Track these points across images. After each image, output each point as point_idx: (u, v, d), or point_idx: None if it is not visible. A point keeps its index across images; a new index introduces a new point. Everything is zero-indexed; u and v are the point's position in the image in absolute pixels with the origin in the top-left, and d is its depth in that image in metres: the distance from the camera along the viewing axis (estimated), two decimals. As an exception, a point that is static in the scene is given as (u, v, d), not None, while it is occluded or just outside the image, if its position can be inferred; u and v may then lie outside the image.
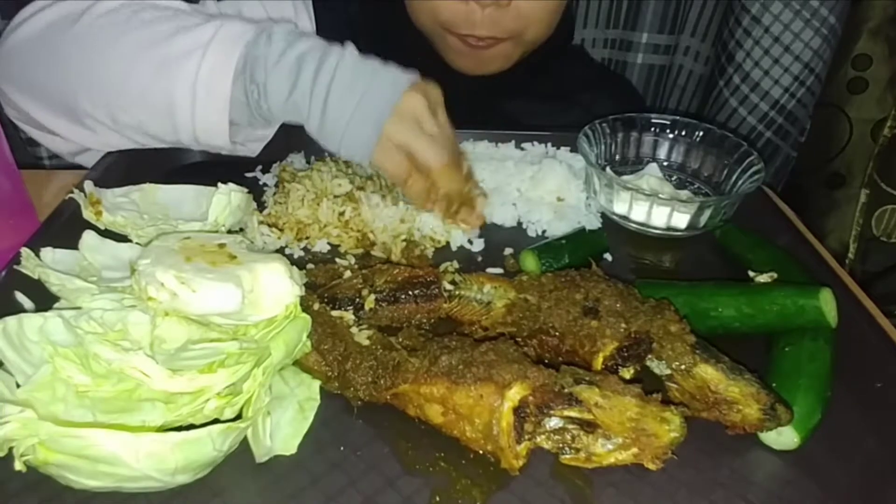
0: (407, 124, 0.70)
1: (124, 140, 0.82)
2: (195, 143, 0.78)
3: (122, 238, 0.68)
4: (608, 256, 0.77)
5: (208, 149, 0.81)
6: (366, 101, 0.70)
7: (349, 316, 0.61)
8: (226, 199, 0.69)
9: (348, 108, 0.70)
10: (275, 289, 0.56)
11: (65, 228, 0.70)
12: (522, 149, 0.92)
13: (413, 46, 0.98)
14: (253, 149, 0.85)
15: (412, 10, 0.94)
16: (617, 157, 0.90)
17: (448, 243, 0.77)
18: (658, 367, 0.57)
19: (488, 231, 0.79)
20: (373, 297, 0.62)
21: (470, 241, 0.77)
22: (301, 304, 0.58)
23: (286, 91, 0.71)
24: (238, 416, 0.50)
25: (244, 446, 0.51)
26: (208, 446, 0.47)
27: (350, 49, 0.73)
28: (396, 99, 0.70)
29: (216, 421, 0.49)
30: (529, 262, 0.71)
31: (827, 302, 0.60)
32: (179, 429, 0.48)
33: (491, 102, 1.05)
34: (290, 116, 0.74)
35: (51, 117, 0.82)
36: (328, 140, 0.72)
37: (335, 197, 0.78)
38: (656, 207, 0.78)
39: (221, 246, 0.60)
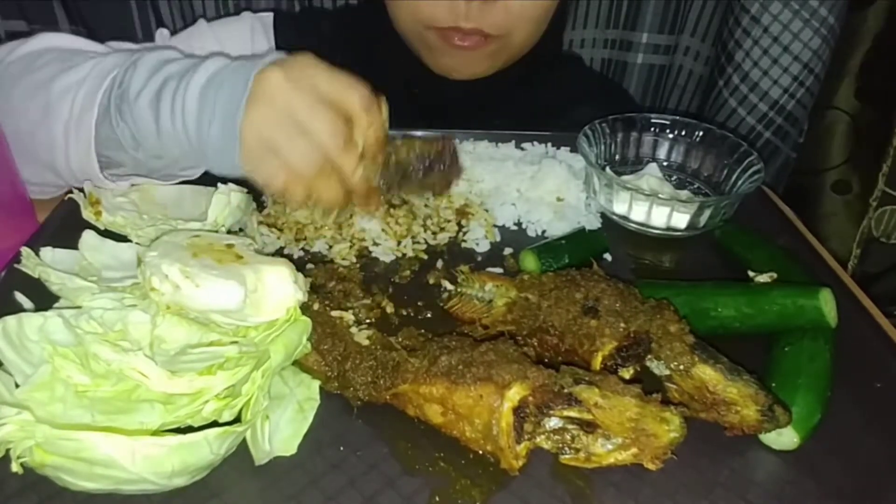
0: (264, 116, 0.58)
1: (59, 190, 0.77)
2: (78, 183, 0.72)
3: (121, 238, 0.68)
4: (608, 256, 0.77)
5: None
6: (219, 108, 0.60)
7: (349, 316, 0.61)
8: (225, 199, 0.69)
9: (204, 123, 0.61)
10: (278, 292, 0.56)
11: (65, 228, 0.70)
12: (522, 149, 0.92)
13: (395, 58, 0.94)
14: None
15: (393, 14, 0.91)
16: (617, 157, 0.90)
17: (445, 245, 0.77)
18: (657, 368, 0.57)
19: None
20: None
21: (477, 243, 0.77)
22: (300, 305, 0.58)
23: (153, 129, 0.64)
24: (237, 419, 0.50)
25: (243, 445, 0.51)
26: (205, 450, 0.47)
27: (211, 62, 0.63)
28: (246, 90, 0.59)
29: (214, 424, 0.49)
30: (529, 261, 0.71)
31: (827, 302, 0.60)
32: (178, 430, 0.48)
33: (480, 117, 0.99)
34: (177, 150, 0.66)
35: None
36: (211, 166, 0.65)
37: None
38: (656, 207, 0.78)
39: (230, 246, 0.60)
